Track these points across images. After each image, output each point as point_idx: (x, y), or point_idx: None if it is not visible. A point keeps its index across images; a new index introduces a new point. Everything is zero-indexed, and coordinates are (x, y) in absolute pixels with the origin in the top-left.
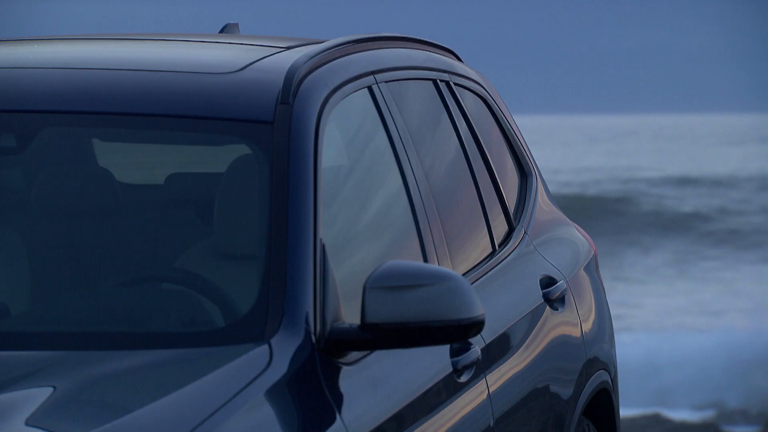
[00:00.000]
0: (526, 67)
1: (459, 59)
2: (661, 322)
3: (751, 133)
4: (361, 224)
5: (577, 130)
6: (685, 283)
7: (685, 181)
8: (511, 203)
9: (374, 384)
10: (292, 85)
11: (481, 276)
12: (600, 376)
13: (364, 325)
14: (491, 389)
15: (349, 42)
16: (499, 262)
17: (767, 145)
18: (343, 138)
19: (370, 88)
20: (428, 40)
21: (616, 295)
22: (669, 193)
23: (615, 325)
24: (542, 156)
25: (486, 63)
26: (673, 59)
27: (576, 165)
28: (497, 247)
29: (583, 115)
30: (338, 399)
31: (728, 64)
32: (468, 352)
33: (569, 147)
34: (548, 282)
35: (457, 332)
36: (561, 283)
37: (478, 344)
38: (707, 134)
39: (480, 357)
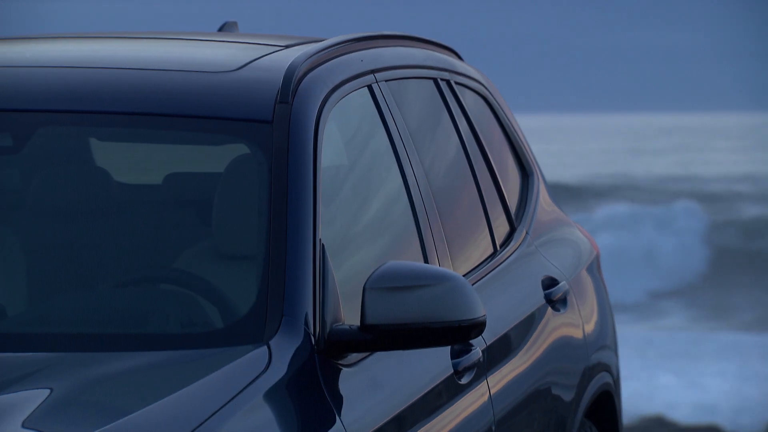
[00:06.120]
0: (526, 67)
1: (460, 58)
2: None
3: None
4: (360, 224)
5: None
6: None
7: None
8: (512, 203)
9: (374, 386)
10: (291, 84)
11: (482, 277)
12: (602, 378)
13: (363, 326)
14: (492, 391)
15: (348, 40)
16: (501, 263)
17: None
18: (343, 137)
19: (369, 87)
20: (429, 38)
21: None
22: None
23: None
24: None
25: (487, 62)
26: (670, 58)
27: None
28: (498, 248)
29: (582, 115)
30: (338, 401)
31: (724, 63)
32: (469, 354)
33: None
34: (550, 283)
35: (457, 333)
36: (563, 284)
37: (479, 345)
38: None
39: (481, 358)
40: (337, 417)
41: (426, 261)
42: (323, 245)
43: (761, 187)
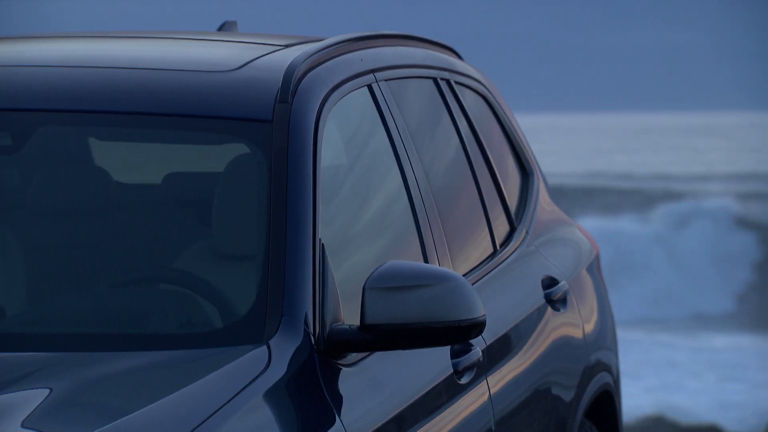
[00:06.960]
0: (526, 67)
1: (460, 57)
2: None
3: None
4: (360, 224)
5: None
6: None
7: None
8: (512, 203)
9: (374, 386)
10: (290, 84)
11: (482, 276)
12: (602, 378)
13: (363, 326)
14: (492, 391)
15: (348, 40)
16: (501, 263)
17: None
18: (343, 137)
19: (369, 87)
20: (429, 38)
21: None
22: None
23: None
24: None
25: (487, 62)
26: (668, 57)
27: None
28: (498, 247)
29: (582, 114)
30: (337, 401)
31: (724, 63)
32: (469, 354)
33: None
34: (550, 282)
35: (457, 333)
36: (563, 284)
37: (479, 345)
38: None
39: (481, 358)
40: (336, 417)
41: (426, 261)
42: (323, 245)
43: (762, 185)
